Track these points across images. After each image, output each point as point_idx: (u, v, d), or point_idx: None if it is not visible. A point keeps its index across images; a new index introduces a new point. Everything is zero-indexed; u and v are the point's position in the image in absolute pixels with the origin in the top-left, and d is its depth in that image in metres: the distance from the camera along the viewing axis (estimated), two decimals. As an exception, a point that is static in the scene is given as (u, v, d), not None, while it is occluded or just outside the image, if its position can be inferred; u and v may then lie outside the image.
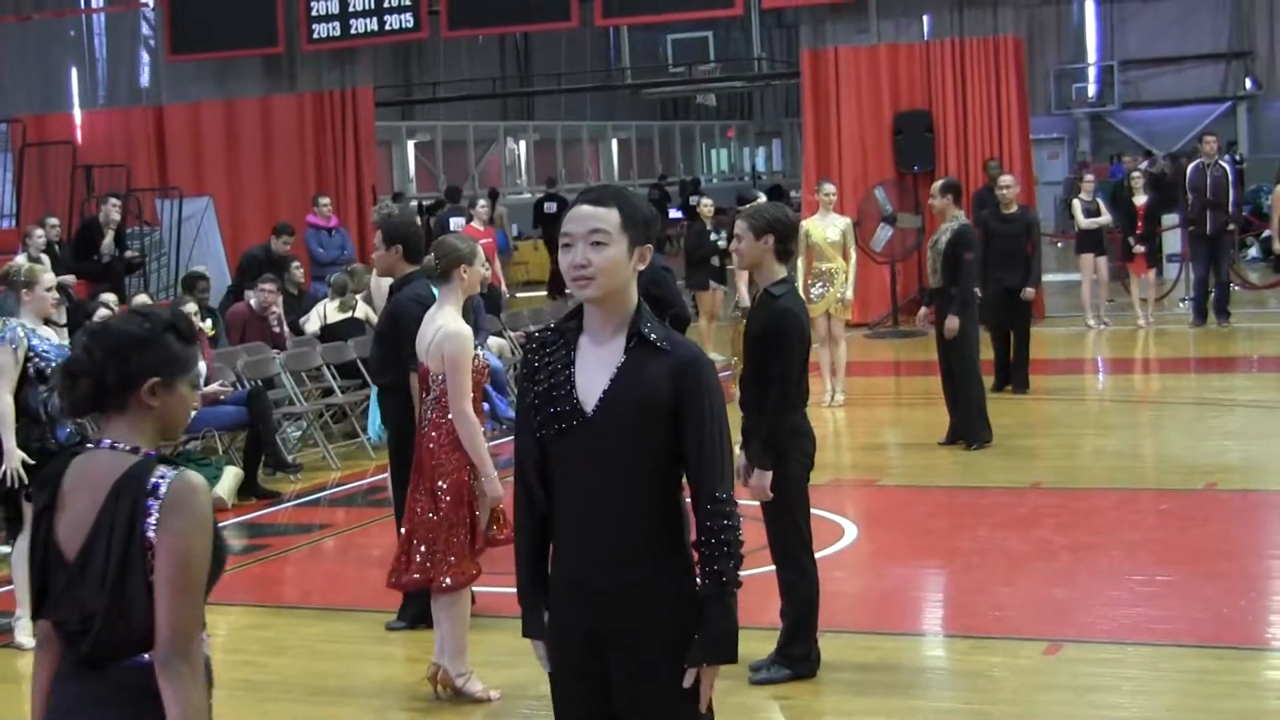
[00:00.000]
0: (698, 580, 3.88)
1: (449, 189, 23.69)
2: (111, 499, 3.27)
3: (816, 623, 6.85)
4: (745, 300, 11.73)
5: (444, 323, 6.66)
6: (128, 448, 3.34)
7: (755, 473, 6.55)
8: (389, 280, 8.05)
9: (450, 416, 6.62)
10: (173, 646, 3.23)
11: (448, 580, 6.62)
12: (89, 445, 3.39)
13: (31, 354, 8.09)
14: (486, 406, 13.45)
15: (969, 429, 11.73)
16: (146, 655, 3.27)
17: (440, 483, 6.63)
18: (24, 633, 8.01)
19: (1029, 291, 14.02)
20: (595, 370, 3.85)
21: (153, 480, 3.27)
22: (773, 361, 6.59)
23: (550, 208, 26.43)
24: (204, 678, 3.32)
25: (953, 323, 11.51)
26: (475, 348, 6.69)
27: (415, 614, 7.74)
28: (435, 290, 7.07)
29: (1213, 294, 17.90)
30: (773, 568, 6.79)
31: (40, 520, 3.36)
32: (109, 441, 3.35)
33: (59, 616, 3.34)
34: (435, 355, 6.64)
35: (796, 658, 6.82)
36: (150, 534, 3.24)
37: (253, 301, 14.00)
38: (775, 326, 6.59)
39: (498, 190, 29.25)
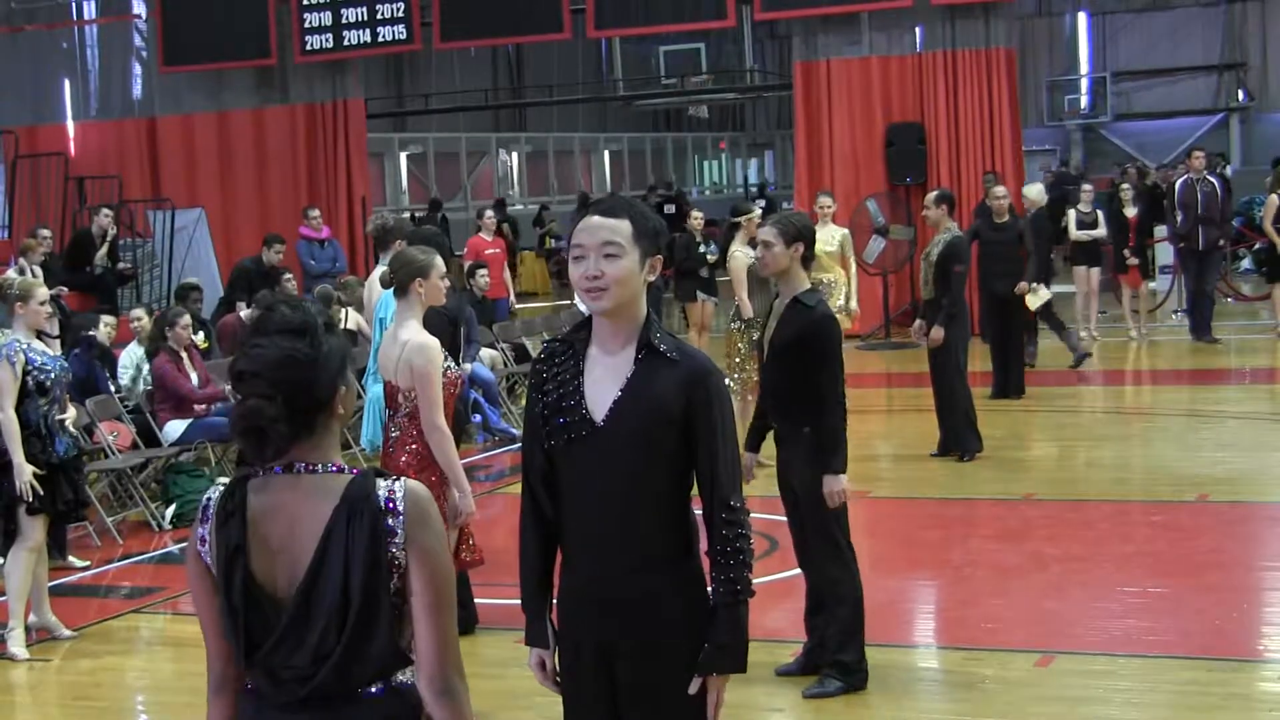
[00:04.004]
0: (708, 589, 3.88)
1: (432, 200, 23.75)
2: (339, 526, 2.97)
3: (863, 626, 6.80)
4: (747, 310, 11.64)
5: (409, 337, 6.50)
6: (330, 467, 3.05)
7: (826, 478, 6.65)
8: (381, 292, 8.02)
9: (422, 434, 6.49)
10: (450, 667, 3.03)
11: None
12: (258, 472, 3.04)
13: (30, 367, 8.09)
14: (478, 418, 13.61)
15: (957, 440, 11.74)
16: (377, 687, 3.04)
17: None
18: (16, 644, 8.00)
19: (1022, 286, 13.99)
20: (605, 380, 3.83)
21: (383, 497, 3.00)
22: (822, 368, 6.61)
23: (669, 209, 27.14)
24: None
25: (937, 333, 11.51)
26: (445, 359, 6.57)
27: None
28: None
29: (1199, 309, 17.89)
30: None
31: (234, 561, 3.00)
32: (302, 465, 3.03)
33: (279, 661, 3.00)
34: (404, 371, 6.48)
35: (849, 667, 6.74)
36: (397, 556, 2.99)
37: (244, 314, 13.99)
38: (821, 334, 6.60)
39: (504, 199, 29.27)
